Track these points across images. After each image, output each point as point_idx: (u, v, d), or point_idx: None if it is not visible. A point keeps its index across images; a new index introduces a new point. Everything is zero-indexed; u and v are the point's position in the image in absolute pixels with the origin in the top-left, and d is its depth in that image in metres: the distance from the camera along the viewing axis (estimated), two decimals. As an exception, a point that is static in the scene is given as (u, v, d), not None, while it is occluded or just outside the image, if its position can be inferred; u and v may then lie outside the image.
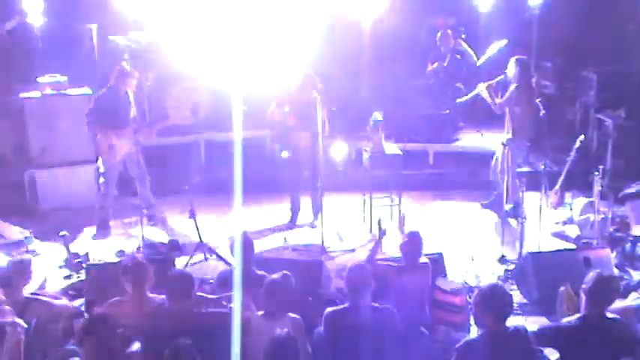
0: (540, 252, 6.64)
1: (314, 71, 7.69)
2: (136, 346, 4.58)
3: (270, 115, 7.66)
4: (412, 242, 5.48)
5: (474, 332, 4.51)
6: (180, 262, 6.74)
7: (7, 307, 4.66)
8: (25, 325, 4.66)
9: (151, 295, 5.02)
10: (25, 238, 7.41)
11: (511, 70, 7.80)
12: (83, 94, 8.60)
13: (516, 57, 7.88)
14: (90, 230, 7.85)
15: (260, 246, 7.17)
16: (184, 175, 8.90)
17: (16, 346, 4.52)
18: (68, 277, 6.76)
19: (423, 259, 5.56)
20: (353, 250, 7.29)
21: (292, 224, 7.97)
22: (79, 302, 5.98)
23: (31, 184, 8.50)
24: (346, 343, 4.57)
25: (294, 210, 8.01)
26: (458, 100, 9.18)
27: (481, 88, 8.00)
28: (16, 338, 4.52)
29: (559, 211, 7.98)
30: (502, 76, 8.01)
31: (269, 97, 7.85)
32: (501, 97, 7.89)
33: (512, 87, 7.77)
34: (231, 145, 6.14)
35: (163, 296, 4.92)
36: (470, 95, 8.64)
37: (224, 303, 5.07)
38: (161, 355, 4.07)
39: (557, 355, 4.44)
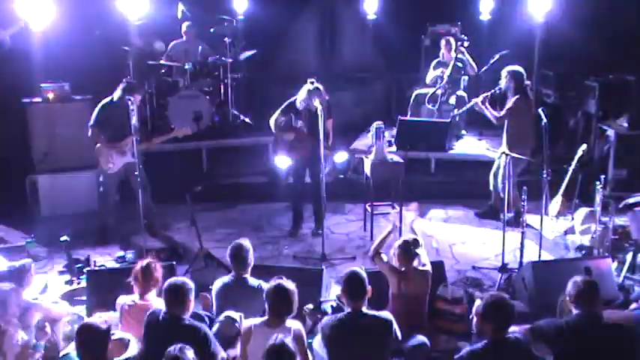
0: (541, 261, 6.63)
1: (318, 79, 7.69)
2: (131, 351, 4.59)
3: (273, 123, 7.65)
4: (411, 246, 5.49)
5: (475, 341, 4.49)
6: (180, 269, 6.73)
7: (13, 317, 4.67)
8: (26, 337, 4.66)
9: (156, 298, 5.07)
10: (27, 243, 7.41)
11: (505, 81, 7.86)
12: (86, 100, 8.62)
13: (509, 69, 7.92)
14: (91, 236, 7.86)
15: (261, 253, 7.17)
16: (185, 182, 8.90)
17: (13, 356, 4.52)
18: (69, 282, 6.75)
19: (424, 264, 5.55)
20: (354, 259, 7.29)
21: (293, 232, 7.96)
22: (79, 308, 5.99)
23: (32, 190, 8.52)
24: (344, 352, 4.57)
25: (297, 218, 8.00)
26: (453, 114, 9.18)
27: (476, 102, 8.06)
28: (15, 348, 4.52)
29: (560, 220, 7.98)
30: (497, 89, 8.07)
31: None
32: (499, 109, 7.95)
33: (512, 98, 7.79)
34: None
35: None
36: (464, 108, 8.68)
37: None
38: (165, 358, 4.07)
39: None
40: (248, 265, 5.40)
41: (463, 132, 10.07)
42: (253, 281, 5.30)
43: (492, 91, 8.04)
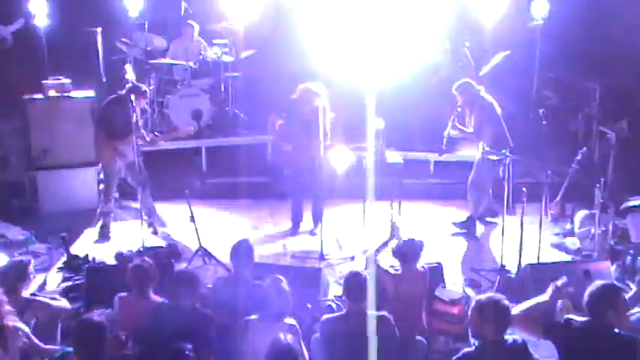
0: (540, 263, 6.63)
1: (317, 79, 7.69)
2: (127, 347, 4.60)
3: (270, 125, 7.67)
4: (409, 249, 5.48)
5: (472, 343, 4.49)
6: (179, 267, 6.74)
7: (8, 308, 4.66)
8: (27, 329, 4.66)
9: (154, 296, 5.09)
10: (26, 239, 7.42)
11: (461, 98, 7.90)
12: (86, 97, 8.62)
13: (455, 86, 7.97)
14: (90, 232, 7.87)
15: (260, 252, 7.17)
16: (185, 180, 8.91)
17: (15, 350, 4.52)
18: (68, 278, 6.76)
19: (421, 266, 5.56)
20: (352, 258, 7.29)
21: (293, 232, 7.96)
22: (78, 304, 5.99)
23: (32, 186, 8.52)
24: (343, 351, 4.58)
25: (295, 218, 8.00)
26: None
27: (449, 132, 8.04)
28: (18, 342, 4.52)
29: (560, 222, 7.98)
30: (457, 108, 8.04)
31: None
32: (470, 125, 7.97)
33: (475, 106, 7.80)
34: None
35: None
36: (445, 140, 8.62)
37: None
38: (163, 355, 4.08)
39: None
40: (249, 264, 5.42)
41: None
42: (253, 280, 5.31)
43: (455, 112, 8.02)
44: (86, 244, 7.59)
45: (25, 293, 5.25)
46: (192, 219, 7.03)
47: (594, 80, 9.38)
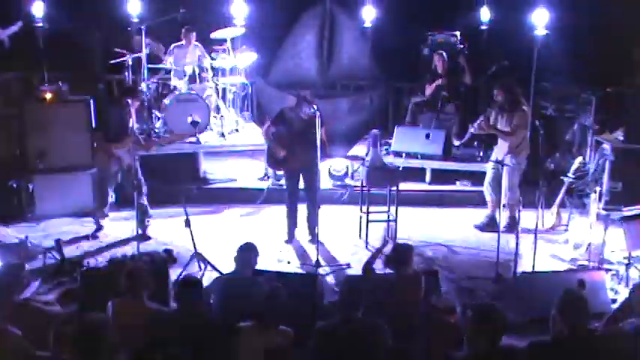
0: (535, 272, 6.63)
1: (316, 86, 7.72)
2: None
3: (264, 133, 7.68)
4: (399, 253, 5.49)
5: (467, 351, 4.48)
6: (174, 272, 6.72)
7: (2, 312, 4.65)
8: (19, 332, 4.64)
9: (148, 302, 5.07)
10: (20, 242, 7.39)
11: (504, 96, 7.88)
12: (83, 101, 8.61)
13: (501, 84, 7.96)
14: (85, 236, 7.85)
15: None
16: (181, 185, 8.90)
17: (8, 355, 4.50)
18: (62, 283, 6.73)
19: (415, 271, 5.56)
20: (348, 265, 7.28)
21: (289, 238, 7.95)
22: (71, 308, 5.97)
23: (27, 189, 8.50)
24: (338, 358, 4.57)
25: (291, 224, 7.99)
26: (456, 143, 9.10)
27: (481, 129, 8.01)
28: (10, 346, 4.50)
29: (555, 231, 7.99)
30: (497, 98, 8.02)
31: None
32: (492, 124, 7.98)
33: (523, 109, 7.85)
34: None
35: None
36: (466, 138, 8.58)
37: None
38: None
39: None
40: (252, 266, 5.45)
41: (456, 143, 10.06)
42: (255, 282, 5.32)
43: (488, 111, 7.96)
44: (80, 249, 7.56)
45: (19, 297, 5.23)
46: (188, 224, 7.01)
47: (590, 90, 9.41)
